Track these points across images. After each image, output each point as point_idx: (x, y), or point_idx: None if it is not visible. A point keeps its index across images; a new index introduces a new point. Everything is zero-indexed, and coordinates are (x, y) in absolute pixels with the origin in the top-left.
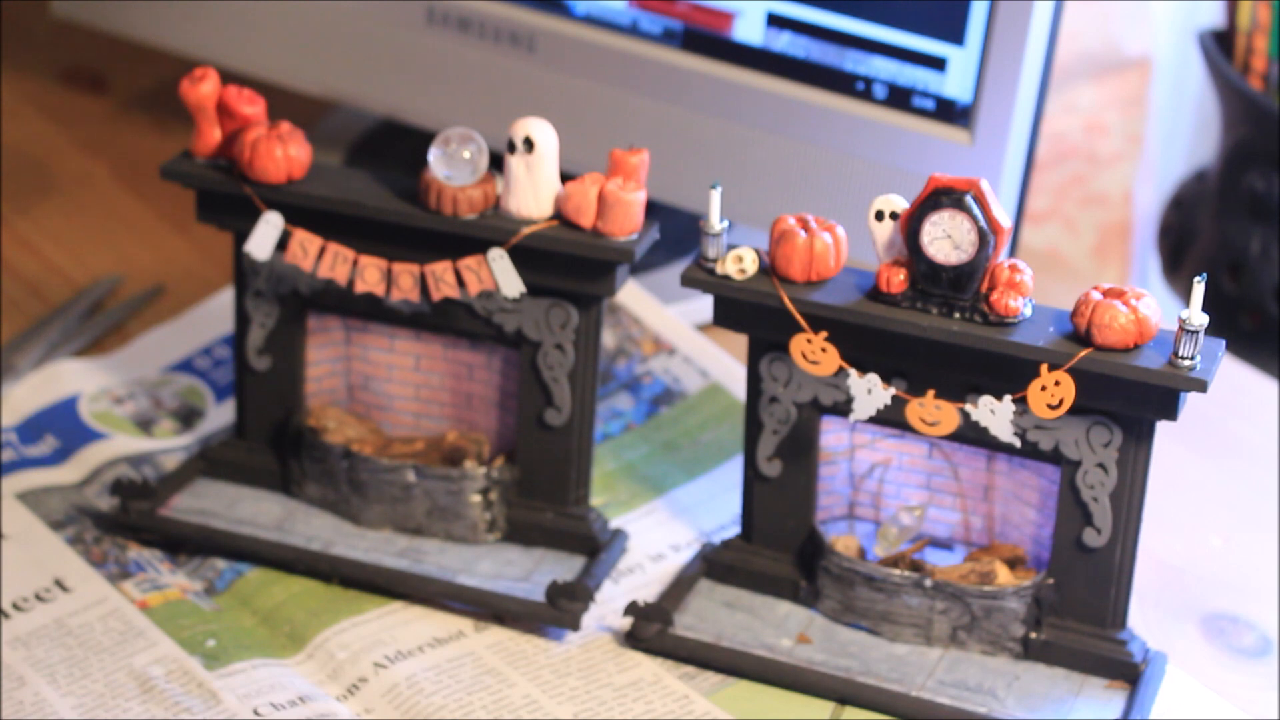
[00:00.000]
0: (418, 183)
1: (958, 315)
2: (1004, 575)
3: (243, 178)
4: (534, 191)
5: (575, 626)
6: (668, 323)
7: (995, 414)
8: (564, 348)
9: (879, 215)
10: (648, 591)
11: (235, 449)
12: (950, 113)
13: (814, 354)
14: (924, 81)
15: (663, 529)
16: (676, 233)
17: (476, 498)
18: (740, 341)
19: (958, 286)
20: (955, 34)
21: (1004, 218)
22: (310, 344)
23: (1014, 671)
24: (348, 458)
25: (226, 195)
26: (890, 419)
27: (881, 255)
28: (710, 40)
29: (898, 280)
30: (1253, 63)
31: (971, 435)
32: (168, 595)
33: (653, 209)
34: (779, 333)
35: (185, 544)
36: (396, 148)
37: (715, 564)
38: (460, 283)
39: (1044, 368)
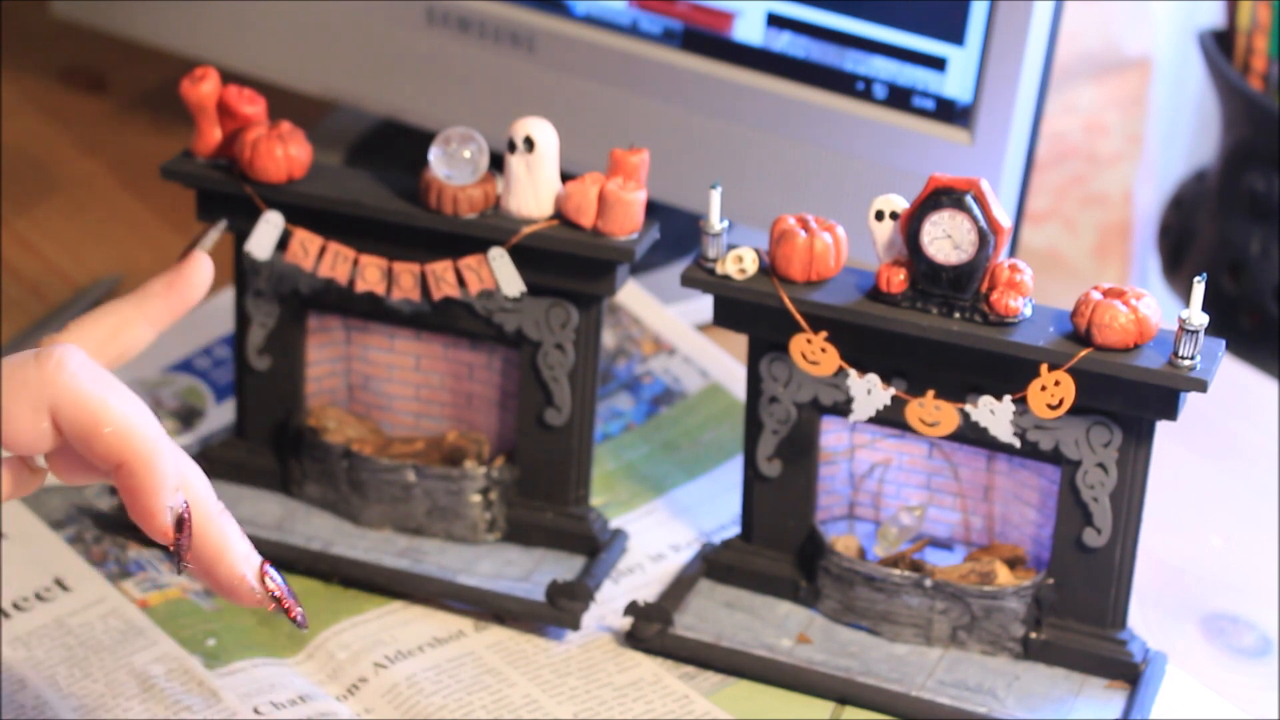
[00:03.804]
0: (418, 182)
1: (958, 315)
2: (1004, 575)
3: (243, 177)
4: (534, 191)
5: (575, 626)
6: (668, 323)
7: (995, 414)
8: (564, 347)
9: (879, 215)
10: (648, 591)
11: (235, 449)
12: (950, 113)
13: (814, 354)
14: (924, 81)
15: (663, 529)
16: (676, 233)
17: (476, 498)
18: (740, 341)
19: (958, 286)
20: (955, 34)
21: (1004, 218)
22: (310, 344)
23: (1014, 671)
24: (348, 458)
25: (227, 195)
26: (890, 419)
27: (881, 255)
28: (710, 40)
29: (898, 280)
30: (1253, 63)
31: (971, 435)
32: (168, 594)
33: (653, 209)
34: (779, 333)
35: None
36: (396, 148)
37: (715, 564)
38: (461, 282)
39: (1044, 368)
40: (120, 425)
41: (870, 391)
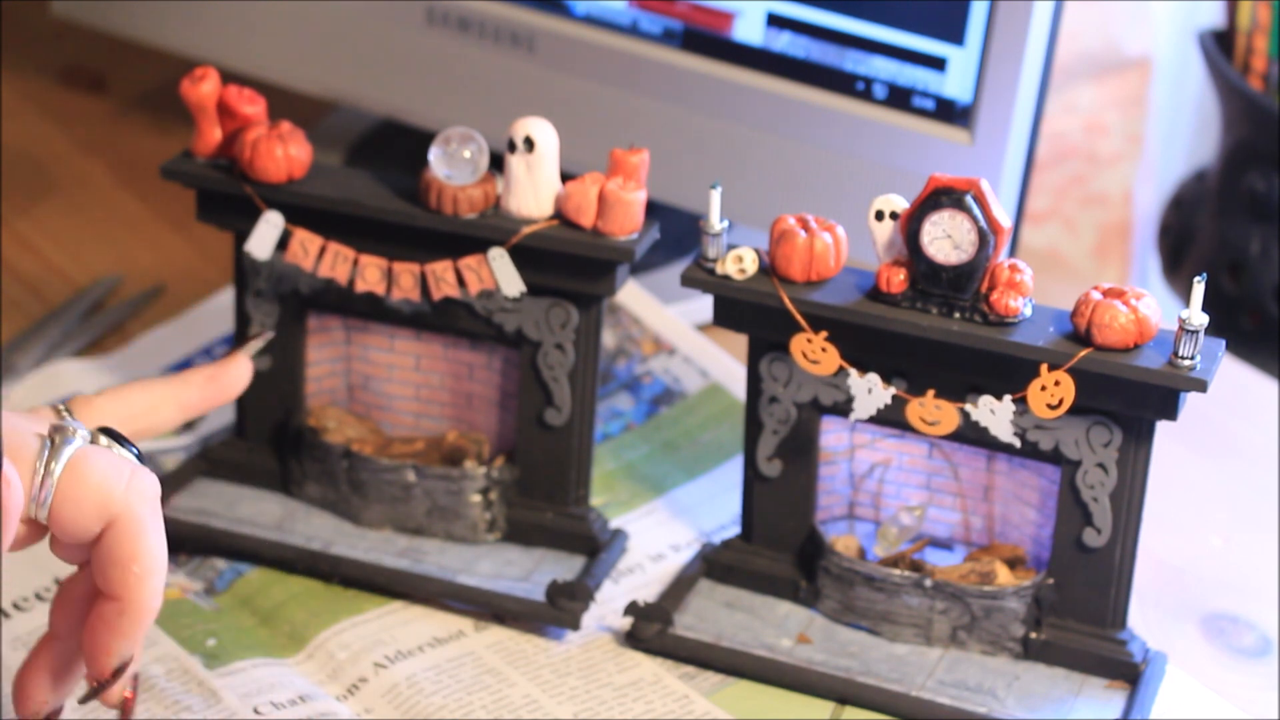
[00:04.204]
0: (418, 182)
1: (958, 315)
2: (1004, 575)
3: (243, 177)
4: (534, 191)
5: (575, 626)
6: (668, 323)
7: (995, 414)
8: (564, 347)
9: (879, 215)
10: (648, 591)
11: (235, 449)
12: (950, 113)
13: (814, 354)
14: (924, 81)
15: (663, 529)
16: (676, 233)
17: (476, 498)
18: (740, 341)
19: (958, 286)
20: (955, 34)
21: (1004, 218)
22: (310, 344)
23: (1014, 671)
24: (348, 458)
25: (226, 195)
26: (890, 419)
27: (881, 255)
28: (710, 40)
29: (898, 280)
30: (1253, 63)
31: (971, 435)
32: (168, 595)
33: (653, 209)
34: (779, 333)
35: (185, 544)
36: (396, 148)
37: (715, 564)
38: (460, 282)
39: (1044, 368)
40: (148, 571)
41: (870, 391)
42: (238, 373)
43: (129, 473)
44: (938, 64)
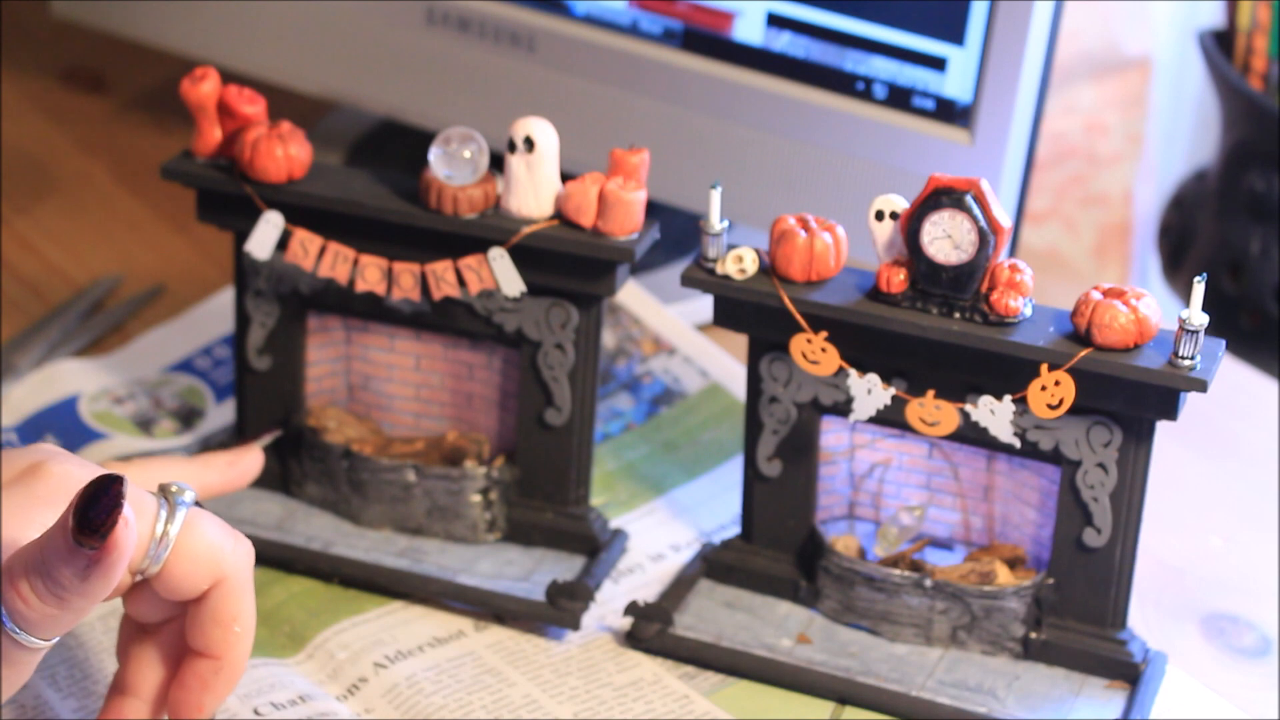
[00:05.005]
0: (418, 182)
1: (958, 315)
2: (1004, 575)
3: (243, 177)
4: (534, 191)
5: (575, 626)
6: (668, 323)
7: (995, 414)
8: (564, 347)
9: (879, 215)
10: (648, 591)
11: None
12: (950, 113)
13: (814, 354)
14: (924, 81)
15: (663, 529)
16: (676, 233)
17: (476, 497)
18: (740, 341)
19: (958, 286)
20: (955, 34)
21: (1004, 218)
22: (310, 344)
23: (1014, 671)
24: (348, 457)
25: (227, 195)
26: (890, 419)
27: (881, 255)
28: (710, 40)
29: (898, 280)
30: (1253, 63)
31: (971, 435)
32: None
33: (653, 209)
34: (779, 333)
35: None
36: (396, 148)
37: (715, 564)
38: (461, 282)
39: (1044, 368)
40: (247, 631)
41: (870, 391)
42: (252, 461)
43: (233, 536)
44: (938, 64)
